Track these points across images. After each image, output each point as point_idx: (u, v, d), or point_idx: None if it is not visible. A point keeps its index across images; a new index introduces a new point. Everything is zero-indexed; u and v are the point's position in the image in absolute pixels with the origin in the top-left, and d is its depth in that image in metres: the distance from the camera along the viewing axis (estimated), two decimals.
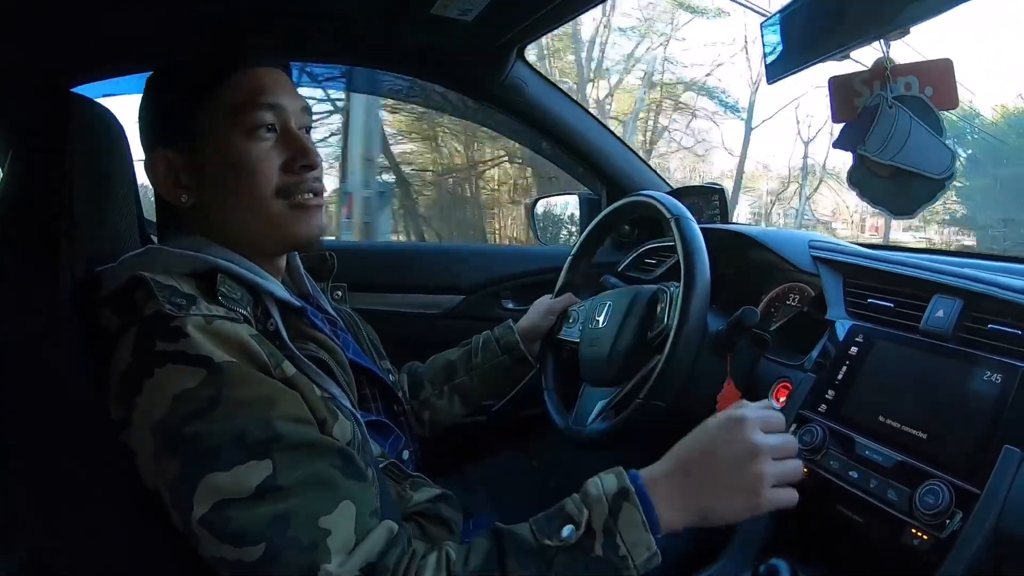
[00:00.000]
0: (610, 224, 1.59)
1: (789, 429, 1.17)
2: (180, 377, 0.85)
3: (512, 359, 1.54)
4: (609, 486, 0.93)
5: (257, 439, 0.85)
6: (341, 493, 0.88)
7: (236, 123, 1.02)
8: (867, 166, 1.15)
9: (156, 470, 0.86)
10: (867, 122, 1.13)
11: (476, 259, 2.26)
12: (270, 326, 0.99)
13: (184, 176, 1.04)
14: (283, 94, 1.06)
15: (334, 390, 1.01)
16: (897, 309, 1.22)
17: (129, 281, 0.93)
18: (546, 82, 1.99)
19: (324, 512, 0.85)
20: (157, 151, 1.04)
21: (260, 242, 1.07)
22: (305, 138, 1.08)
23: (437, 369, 1.57)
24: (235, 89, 1.03)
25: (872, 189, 1.17)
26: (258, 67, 1.06)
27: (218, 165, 1.03)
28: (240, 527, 0.82)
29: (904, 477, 1.01)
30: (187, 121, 1.03)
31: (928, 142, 1.11)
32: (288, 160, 1.05)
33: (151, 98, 1.08)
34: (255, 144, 1.03)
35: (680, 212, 1.29)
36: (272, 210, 1.04)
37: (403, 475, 1.19)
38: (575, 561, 0.89)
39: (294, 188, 1.05)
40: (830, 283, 1.37)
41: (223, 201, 1.04)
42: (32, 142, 1.02)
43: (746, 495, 0.95)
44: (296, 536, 0.83)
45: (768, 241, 1.54)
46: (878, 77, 1.12)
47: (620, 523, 0.90)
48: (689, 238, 1.25)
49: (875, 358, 1.16)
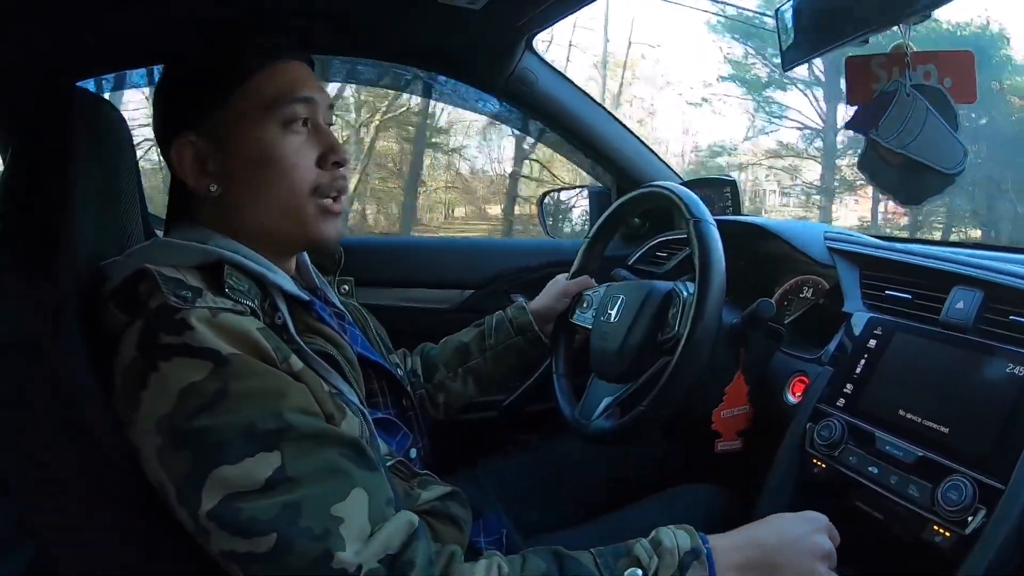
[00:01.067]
0: (626, 212, 1.56)
1: (805, 424, 1.15)
2: (186, 370, 0.84)
3: (526, 340, 1.52)
4: (683, 543, 0.93)
5: (266, 431, 0.83)
6: (353, 481, 0.87)
7: (272, 115, 1.01)
8: (879, 152, 1.14)
9: (162, 466, 0.84)
10: (882, 107, 1.12)
11: (485, 253, 2.24)
12: (277, 319, 0.98)
13: (212, 164, 1.03)
14: (313, 89, 1.05)
15: (342, 386, 0.99)
16: (916, 301, 1.20)
17: (134, 274, 0.91)
18: (556, 73, 1.97)
19: (336, 500, 0.84)
20: (183, 136, 1.02)
21: (282, 239, 1.06)
22: (333, 134, 1.08)
23: (451, 351, 1.55)
24: (269, 81, 1.02)
25: (882, 176, 1.16)
26: (290, 60, 1.05)
27: (253, 157, 1.01)
28: (250, 518, 0.80)
29: (925, 472, 0.99)
30: (216, 109, 1.02)
31: (941, 135, 1.09)
32: (321, 155, 1.04)
33: (175, 83, 1.06)
34: (291, 138, 1.02)
35: (701, 215, 1.23)
36: (305, 208, 1.04)
37: (411, 473, 1.18)
38: None
39: (327, 186, 1.05)
40: (846, 275, 1.34)
41: (254, 194, 1.03)
42: (34, 137, 1.01)
43: None
44: (308, 525, 0.81)
45: (782, 232, 1.51)
46: (897, 62, 1.10)
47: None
48: (708, 245, 1.20)
49: (894, 351, 1.14)
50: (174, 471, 0.83)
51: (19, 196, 0.98)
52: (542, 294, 1.58)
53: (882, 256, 1.32)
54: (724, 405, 1.26)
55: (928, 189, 1.12)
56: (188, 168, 1.03)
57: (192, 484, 0.82)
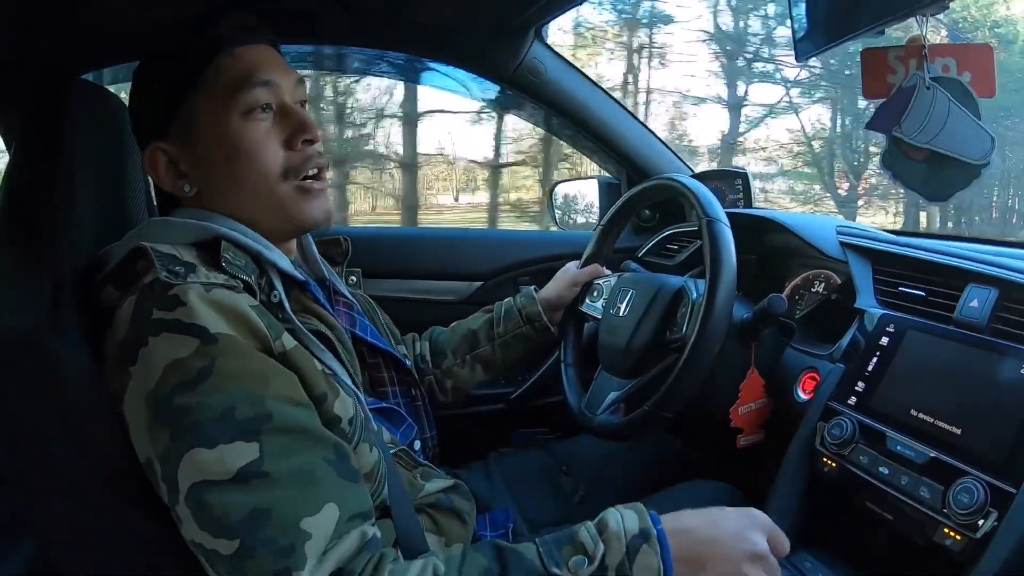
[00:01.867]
0: (640, 201, 1.55)
1: (816, 422, 1.14)
2: (174, 346, 0.84)
3: (534, 329, 1.52)
4: (631, 525, 0.88)
5: (246, 417, 0.82)
6: (329, 493, 0.84)
7: (230, 106, 1.00)
8: (902, 149, 1.12)
9: (150, 441, 0.84)
10: (903, 103, 1.09)
11: (494, 244, 2.23)
12: (273, 297, 0.98)
13: (184, 165, 1.03)
14: (274, 70, 1.04)
15: (335, 365, 0.99)
16: (929, 298, 1.18)
17: (131, 253, 0.92)
18: (565, 63, 1.95)
19: (307, 513, 0.82)
20: (153, 145, 1.02)
21: (269, 227, 1.05)
22: (303, 112, 1.06)
23: (459, 338, 1.55)
24: (223, 72, 1.01)
25: (906, 173, 1.14)
26: (244, 46, 1.03)
27: (218, 151, 1.00)
28: (217, 516, 0.80)
29: (937, 474, 0.98)
30: (179, 110, 1.01)
31: (967, 126, 1.07)
32: (289, 137, 1.03)
33: (140, 91, 1.06)
34: (253, 125, 1.01)
35: (716, 214, 1.22)
36: (279, 193, 1.03)
37: (413, 463, 1.18)
38: None
39: (300, 166, 1.03)
40: (859, 270, 1.32)
41: (228, 187, 1.02)
42: (37, 128, 1.01)
43: None
44: (273, 536, 0.80)
45: (794, 226, 1.49)
46: (914, 55, 1.08)
47: (636, 567, 0.84)
48: (720, 247, 1.18)
49: (907, 349, 1.12)
50: (156, 447, 0.84)
51: (22, 187, 0.98)
52: (552, 282, 1.58)
53: (895, 252, 1.30)
54: (741, 401, 1.25)
55: (954, 183, 1.10)
56: (163, 174, 1.03)
57: (169, 464, 0.82)
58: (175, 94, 1.01)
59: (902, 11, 1.04)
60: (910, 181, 1.14)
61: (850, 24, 1.11)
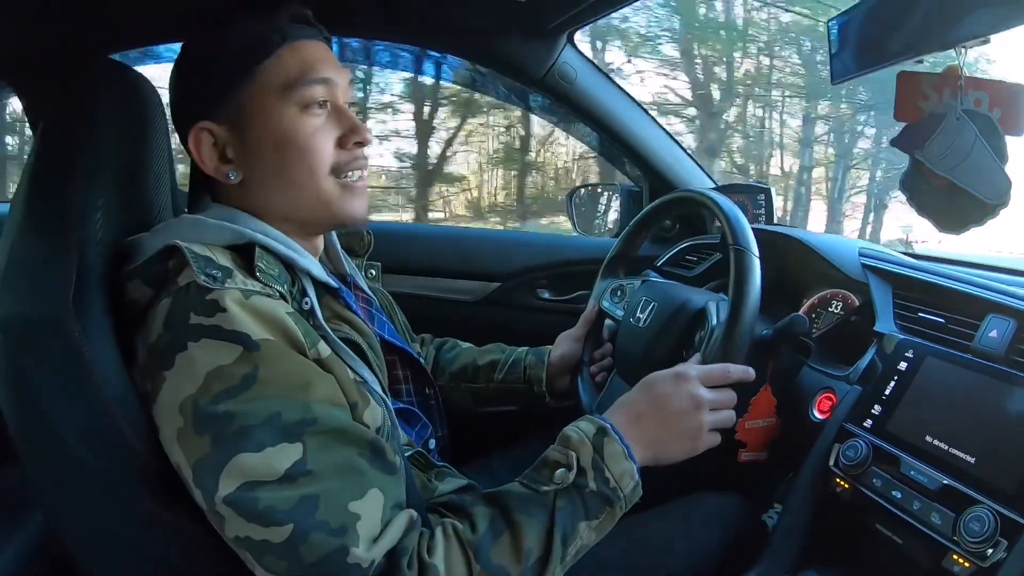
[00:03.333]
0: (669, 209, 1.56)
1: (832, 442, 1.14)
2: (215, 353, 0.84)
3: (531, 392, 1.53)
4: (587, 428, 1.02)
5: (291, 421, 0.84)
6: (370, 481, 0.87)
7: (288, 98, 1.00)
8: (922, 173, 1.11)
9: (182, 447, 0.85)
10: (931, 128, 1.09)
11: (513, 246, 2.24)
12: (305, 305, 0.98)
13: (231, 151, 1.02)
14: (332, 68, 1.04)
15: (366, 374, 0.99)
16: (948, 326, 1.18)
17: (163, 250, 0.91)
18: (596, 69, 1.96)
19: (354, 497, 0.85)
20: (201, 124, 1.02)
21: (308, 220, 1.06)
22: (354, 114, 1.06)
23: (461, 365, 1.56)
24: (285, 64, 1.01)
25: (923, 198, 1.14)
26: (304, 40, 1.04)
27: (271, 141, 1.00)
28: (268, 507, 0.81)
29: (949, 501, 0.98)
30: (232, 94, 1.01)
31: (988, 164, 1.06)
32: (341, 136, 1.04)
33: (191, 70, 1.05)
34: (309, 120, 1.01)
35: (747, 245, 1.20)
36: (324, 188, 1.03)
37: (429, 465, 1.18)
38: (573, 499, 0.96)
39: (347, 165, 1.04)
40: (880, 293, 1.32)
41: (274, 178, 1.02)
42: (63, 109, 1.00)
43: (688, 441, 1.09)
44: (325, 519, 0.82)
45: (817, 245, 1.50)
46: (949, 85, 1.08)
47: (606, 457, 0.99)
48: (746, 279, 1.18)
49: (925, 375, 1.12)
50: (194, 454, 0.84)
51: (48, 169, 0.98)
52: (556, 343, 1.58)
53: (917, 277, 1.30)
54: (749, 416, 1.25)
55: (969, 218, 1.10)
56: (206, 156, 1.02)
57: (211, 469, 0.82)
58: (231, 78, 1.00)
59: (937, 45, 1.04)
60: (926, 207, 1.13)
61: (882, 55, 1.11)
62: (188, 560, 0.94)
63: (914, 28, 1.05)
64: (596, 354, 1.57)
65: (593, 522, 0.97)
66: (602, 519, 0.98)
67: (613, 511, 0.99)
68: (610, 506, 0.98)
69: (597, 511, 0.97)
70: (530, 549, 0.92)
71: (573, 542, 0.95)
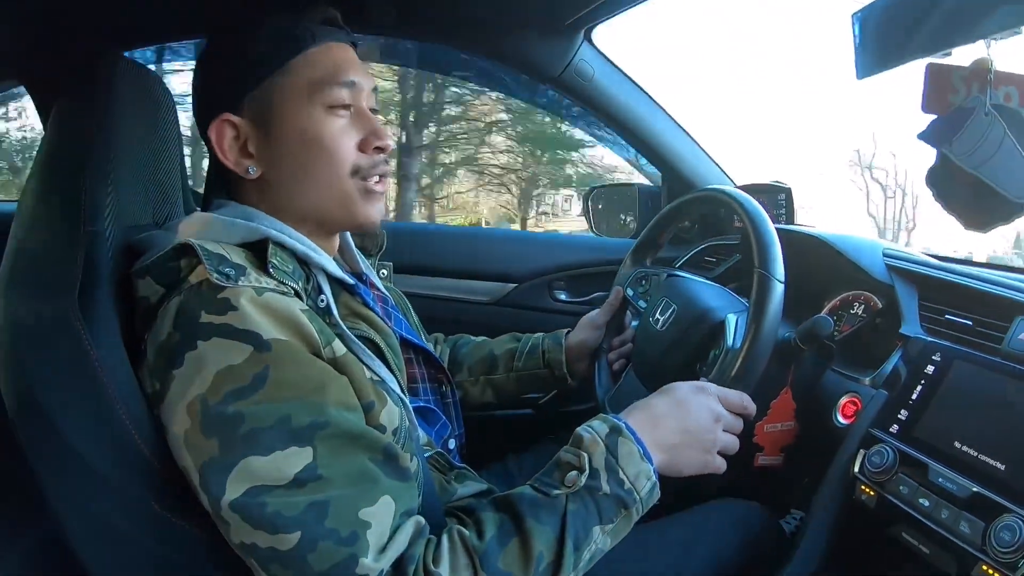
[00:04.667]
0: (695, 208, 1.56)
1: (857, 448, 1.12)
2: (225, 352, 0.82)
3: (552, 375, 1.52)
4: (600, 428, 0.98)
5: (302, 424, 0.82)
6: (382, 488, 0.85)
7: (315, 98, 1.00)
8: (949, 169, 1.08)
9: (188, 448, 0.83)
10: (959, 123, 1.06)
11: (530, 247, 2.23)
12: (320, 302, 0.96)
13: (252, 146, 1.01)
14: (358, 72, 1.04)
15: (383, 373, 0.98)
16: (976, 328, 1.16)
17: (174, 248, 0.90)
18: (614, 68, 1.94)
19: (365, 504, 0.83)
20: (224, 116, 1.01)
21: (325, 219, 1.05)
22: (376, 120, 1.06)
23: (479, 357, 1.55)
24: (314, 63, 1.01)
25: (949, 193, 1.11)
26: (332, 42, 1.04)
27: (294, 138, 1.00)
28: (275, 513, 0.79)
29: (979, 509, 0.95)
30: (259, 88, 1.00)
31: (1016, 162, 1.04)
32: (363, 140, 1.03)
33: (218, 61, 1.04)
34: (334, 120, 1.01)
35: (772, 271, 1.17)
36: (345, 188, 1.02)
37: (448, 466, 1.17)
38: (585, 503, 0.93)
39: (368, 169, 1.03)
40: (905, 295, 1.30)
41: (296, 175, 1.01)
42: (75, 105, 0.99)
43: (702, 453, 1.06)
44: (335, 527, 0.80)
45: (840, 246, 1.47)
46: (978, 78, 1.05)
47: (620, 458, 0.95)
48: (766, 307, 1.15)
49: (952, 379, 1.09)
50: (200, 456, 0.82)
51: (57, 165, 0.97)
52: (576, 329, 1.57)
53: (943, 278, 1.28)
54: (768, 419, 1.22)
55: (995, 216, 1.07)
56: (227, 149, 1.01)
57: (218, 472, 0.80)
58: (259, 71, 1.00)
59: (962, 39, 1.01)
60: (952, 204, 1.11)
61: (908, 49, 1.08)
62: (194, 563, 0.93)
63: (941, 20, 1.02)
64: (615, 341, 1.56)
65: (608, 526, 0.94)
66: (617, 523, 0.94)
67: (629, 514, 0.95)
68: (625, 509, 0.94)
69: (612, 514, 0.94)
70: (540, 555, 0.89)
71: (587, 547, 0.92)
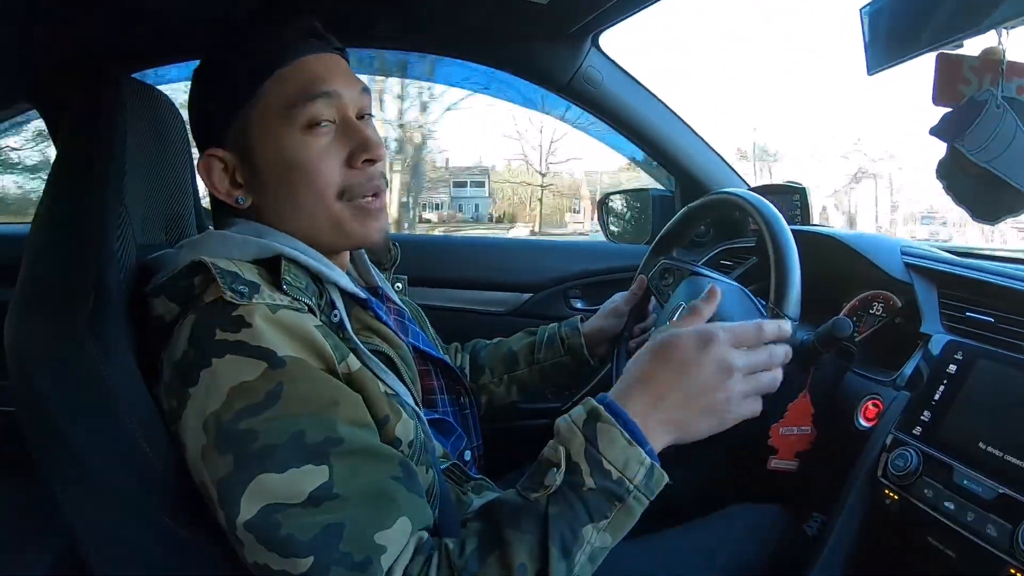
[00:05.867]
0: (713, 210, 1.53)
1: (880, 451, 1.09)
2: (239, 368, 0.82)
3: (574, 361, 1.50)
4: (578, 415, 0.88)
5: (316, 441, 0.80)
6: (400, 507, 0.83)
7: (291, 119, 0.97)
8: (959, 162, 1.07)
9: (205, 466, 0.82)
10: (971, 116, 1.04)
11: (544, 255, 2.22)
12: (334, 317, 0.95)
13: (240, 175, 1.01)
14: (338, 80, 1.01)
15: (398, 387, 0.97)
16: (999, 325, 1.13)
17: (188, 266, 0.89)
18: (623, 72, 1.93)
19: (381, 527, 0.80)
20: (210, 150, 1.01)
21: (321, 243, 1.03)
22: (365, 128, 1.03)
23: (499, 357, 1.54)
24: (286, 83, 0.98)
25: (959, 186, 1.09)
26: (309, 55, 1.01)
27: (275, 165, 0.98)
28: (288, 535, 0.78)
29: (1005, 511, 0.93)
30: (236, 118, 0.99)
31: None
32: (350, 155, 1.00)
33: (198, 95, 1.04)
34: (313, 140, 0.98)
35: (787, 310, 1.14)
36: (333, 212, 1.00)
37: (465, 477, 1.16)
38: (569, 502, 0.84)
39: (357, 188, 1.00)
40: (924, 294, 1.27)
41: (282, 202, 1.00)
42: (86, 126, 1.00)
43: (714, 416, 0.93)
44: (349, 551, 0.78)
45: (857, 245, 1.45)
46: (990, 69, 1.03)
47: (601, 446, 0.85)
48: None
49: (976, 378, 1.07)
50: (216, 473, 0.81)
51: (67, 186, 0.97)
52: (597, 314, 1.56)
53: (961, 275, 1.26)
54: (785, 422, 1.19)
55: (1005, 208, 1.06)
56: (217, 181, 1.01)
57: (233, 489, 0.79)
58: (233, 102, 0.99)
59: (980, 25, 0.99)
60: (962, 196, 1.09)
61: (917, 42, 1.07)
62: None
63: (950, 11, 1.01)
64: (636, 329, 1.54)
65: (601, 523, 0.84)
66: (613, 517, 0.85)
67: (626, 506, 0.85)
68: (620, 501, 0.84)
69: (604, 510, 0.84)
70: (522, 567, 0.82)
71: (579, 550, 0.84)
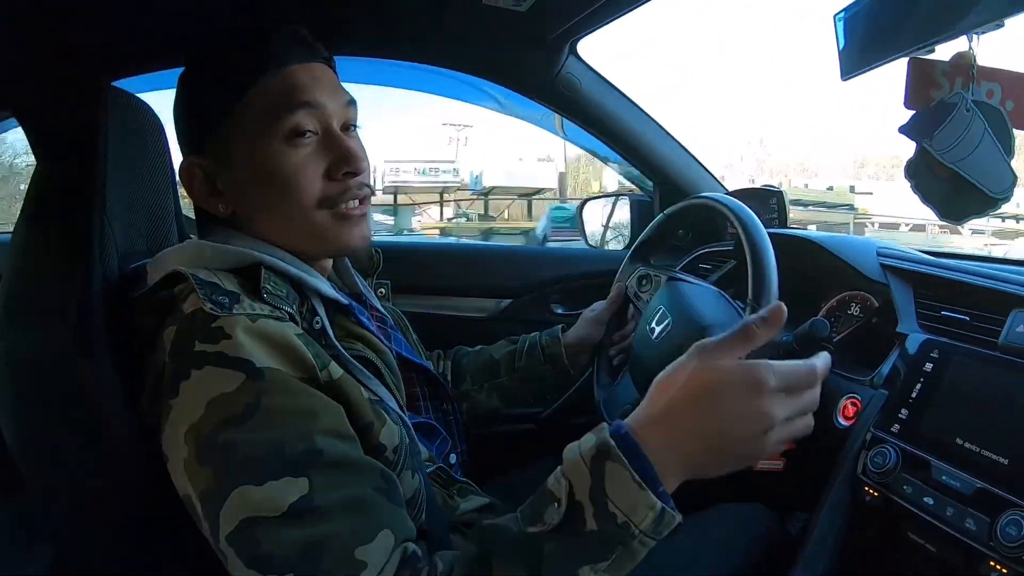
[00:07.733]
0: (692, 213, 1.57)
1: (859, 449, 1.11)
2: (218, 380, 0.81)
3: (554, 370, 1.51)
4: (587, 449, 0.81)
5: (295, 452, 0.80)
6: (382, 520, 0.82)
7: (271, 129, 0.97)
8: (927, 162, 1.10)
9: (189, 478, 0.82)
10: (940, 118, 1.07)
11: (525, 260, 2.23)
12: (315, 324, 0.95)
13: (220, 184, 1.01)
14: (322, 91, 1.00)
15: (381, 392, 0.97)
16: (973, 323, 1.15)
17: (168, 277, 0.89)
18: (600, 78, 1.94)
19: (362, 542, 0.79)
20: (189, 159, 1.01)
21: (300, 251, 1.03)
22: (348, 140, 1.02)
23: (480, 365, 1.55)
24: (267, 91, 0.97)
25: (927, 186, 1.12)
26: (293, 65, 1.00)
27: (255, 174, 0.98)
28: (268, 552, 0.77)
29: (984, 505, 0.94)
30: (218, 127, 0.99)
31: (994, 158, 1.06)
32: (330, 166, 1.00)
33: (181, 102, 1.04)
34: (294, 151, 0.98)
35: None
36: (314, 220, 1.00)
37: (450, 480, 1.16)
38: (568, 544, 0.79)
39: (338, 197, 1.00)
40: (900, 294, 1.29)
41: (262, 211, 1.00)
42: (65, 136, 1.00)
43: (739, 462, 0.84)
44: (329, 569, 0.77)
45: (833, 247, 1.47)
46: (961, 73, 1.06)
47: (608, 488, 0.77)
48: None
49: (951, 375, 1.09)
50: (198, 485, 0.81)
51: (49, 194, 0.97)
52: (577, 324, 1.57)
53: (936, 275, 1.27)
54: None
55: (971, 209, 1.09)
56: (196, 189, 1.01)
57: (214, 501, 0.79)
58: (215, 110, 0.98)
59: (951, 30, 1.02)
60: (930, 196, 1.12)
61: (891, 46, 1.09)
62: None
63: (922, 17, 1.03)
64: (616, 336, 1.56)
65: (601, 564, 0.79)
66: (613, 560, 0.79)
67: (630, 550, 0.79)
68: (622, 545, 0.78)
69: (604, 552, 0.78)
70: None
71: None
